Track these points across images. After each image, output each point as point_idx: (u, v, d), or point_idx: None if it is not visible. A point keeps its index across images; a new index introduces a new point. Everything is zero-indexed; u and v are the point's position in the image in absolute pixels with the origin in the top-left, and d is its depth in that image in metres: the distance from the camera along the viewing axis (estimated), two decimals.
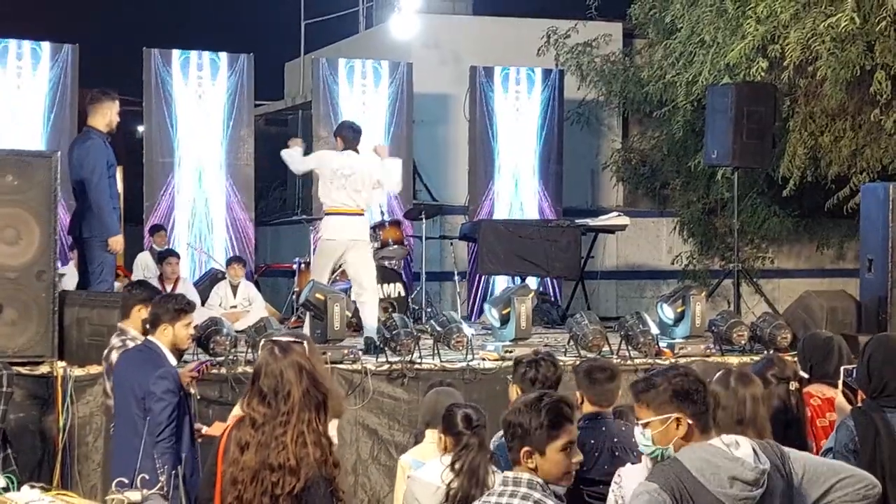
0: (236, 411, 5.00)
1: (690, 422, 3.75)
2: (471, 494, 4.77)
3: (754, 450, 3.73)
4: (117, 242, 8.83)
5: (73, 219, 9.14)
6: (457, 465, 4.83)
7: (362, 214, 9.88)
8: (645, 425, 3.83)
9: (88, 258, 8.93)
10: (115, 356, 6.55)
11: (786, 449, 3.89)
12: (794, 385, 5.53)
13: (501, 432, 4.49)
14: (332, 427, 5.32)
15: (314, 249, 12.19)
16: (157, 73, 12.99)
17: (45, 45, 12.45)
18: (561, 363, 6.02)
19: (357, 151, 9.89)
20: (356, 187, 9.76)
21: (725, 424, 4.53)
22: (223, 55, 13.31)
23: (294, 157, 10.12)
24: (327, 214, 9.81)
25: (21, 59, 12.34)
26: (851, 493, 3.83)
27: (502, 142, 14.10)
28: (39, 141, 12.29)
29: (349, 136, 9.94)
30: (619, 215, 13.31)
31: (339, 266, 10.10)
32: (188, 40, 14.08)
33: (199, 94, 13.19)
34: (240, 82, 13.30)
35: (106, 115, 8.89)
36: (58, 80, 12.46)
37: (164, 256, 11.81)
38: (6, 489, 5.52)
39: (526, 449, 4.04)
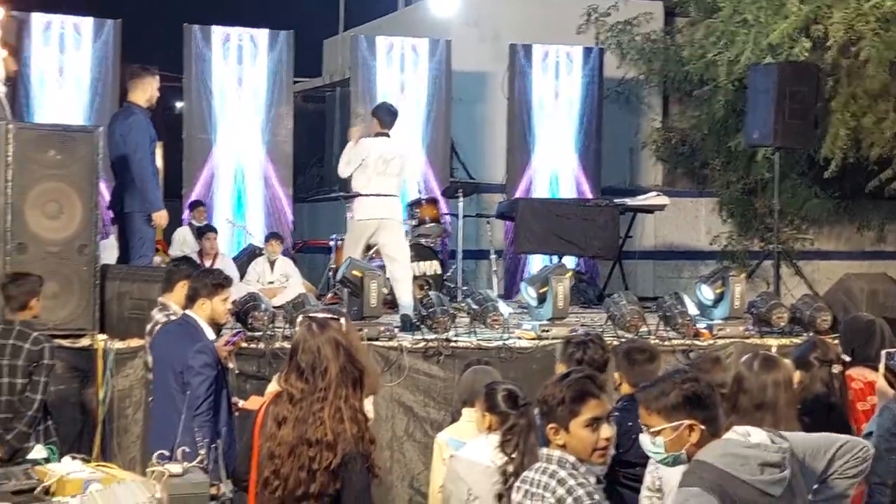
0: (273, 387, 5.04)
1: (703, 427, 3.73)
2: None
3: (768, 435, 3.72)
4: (162, 217, 8.92)
5: (114, 193, 9.21)
6: (509, 447, 4.77)
7: (396, 196, 10.05)
8: (656, 433, 3.79)
9: (130, 232, 9.00)
10: (160, 331, 6.62)
11: (783, 433, 3.87)
12: (836, 368, 5.50)
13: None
14: (368, 403, 5.35)
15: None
16: (197, 49, 13.04)
17: (88, 21, 12.52)
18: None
19: (389, 135, 10.04)
20: (394, 172, 9.96)
21: (745, 407, 4.51)
22: (263, 32, 13.33)
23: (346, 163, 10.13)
24: (361, 196, 9.89)
25: (64, 36, 12.42)
26: (851, 459, 3.86)
27: (541, 120, 14.05)
28: (83, 116, 12.37)
29: (386, 118, 10.07)
30: (658, 195, 13.24)
31: (372, 246, 10.18)
32: (228, 17, 14.09)
33: (239, 71, 13.22)
34: (279, 59, 13.32)
35: (146, 91, 8.96)
36: (100, 56, 12.54)
37: (203, 232, 11.88)
38: (47, 460, 5.61)
39: (552, 426, 4.04)
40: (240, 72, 13.20)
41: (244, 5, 19.47)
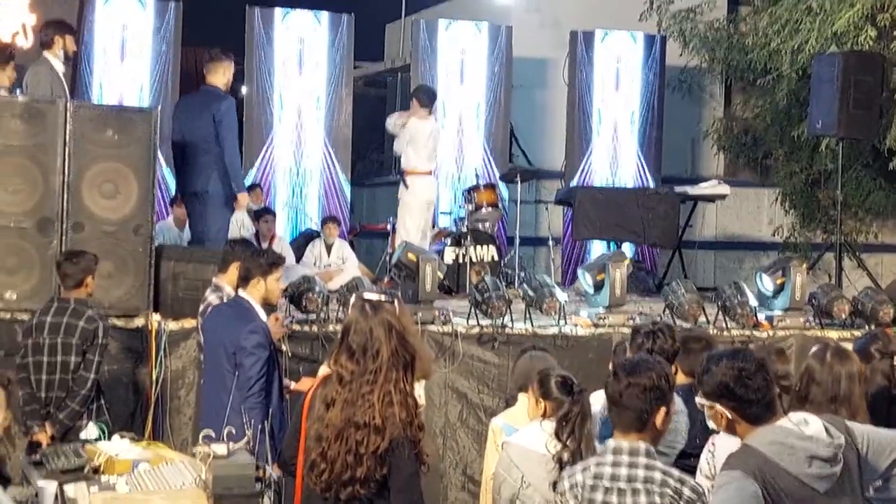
0: (323, 370, 5.00)
1: (729, 415, 3.71)
2: None
3: (825, 426, 3.63)
4: (246, 198, 9.32)
5: (187, 174, 9.23)
6: (564, 434, 4.70)
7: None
8: (701, 405, 3.84)
9: (208, 214, 9.08)
10: (212, 311, 6.61)
11: (850, 423, 3.82)
12: None
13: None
14: (420, 388, 5.30)
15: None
16: (259, 31, 13.05)
17: (150, 3, 12.56)
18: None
19: (430, 115, 10.83)
20: (437, 150, 10.78)
21: (819, 401, 4.43)
22: (324, 14, 13.31)
23: (395, 125, 10.90)
24: (414, 175, 10.18)
25: (126, 16, 12.47)
26: None
27: (601, 107, 13.92)
28: (144, 97, 12.44)
29: (425, 100, 10.77)
30: (720, 184, 13.06)
31: None
32: None
33: (300, 54, 13.21)
34: (340, 43, 13.29)
35: (225, 75, 9.12)
36: (162, 37, 12.58)
37: (261, 214, 11.89)
38: (98, 439, 5.61)
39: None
40: (301, 55, 13.19)
41: None
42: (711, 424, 3.85)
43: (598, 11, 15.13)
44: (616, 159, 14.04)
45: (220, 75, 9.08)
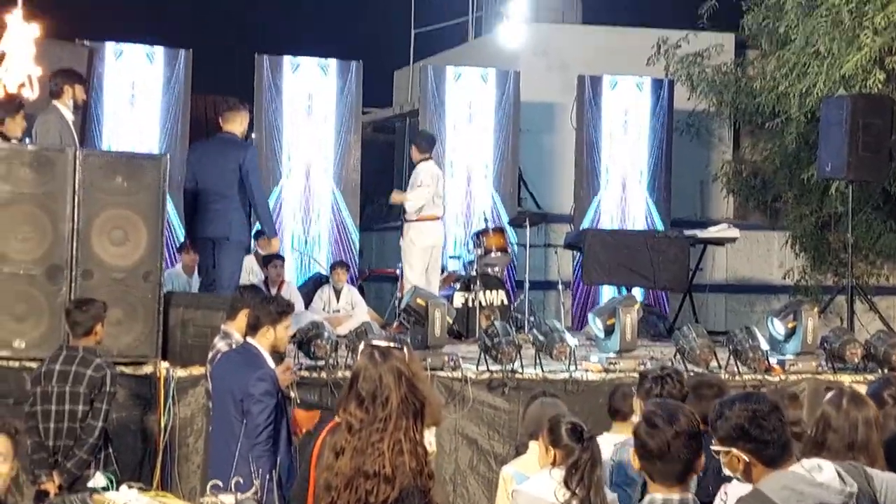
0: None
1: (746, 459, 3.69)
2: None
3: (839, 473, 3.58)
4: (278, 242, 9.79)
5: (202, 221, 9.26)
6: (572, 482, 4.65)
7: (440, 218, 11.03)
8: (717, 452, 3.80)
9: (223, 260, 9.14)
10: (220, 359, 6.57)
11: (870, 469, 3.75)
12: None
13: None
14: (430, 435, 5.25)
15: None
16: (268, 79, 13.11)
17: (160, 51, 12.65)
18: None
19: (431, 159, 11.04)
20: (440, 194, 10.86)
21: (836, 448, 4.36)
22: (333, 62, 13.38)
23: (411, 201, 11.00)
24: (420, 221, 10.19)
25: (136, 64, 12.55)
26: None
27: (609, 151, 13.93)
28: (154, 143, 12.49)
29: (424, 145, 10.94)
30: (730, 227, 13.03)
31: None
32: (299, 47, 14.15)
33: (309, 101, 13.27)
34: (349, 90, 13.35)
35: (242, 123, 9.35)
36: (171, 84, 12.65)
37: (270, 260, 11.87)
38: (106, 488, 5.56)
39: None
40: (310, 102, 13.25)
41: (315, 36, 19.59)
42: (726, 471, 3.80)
43: (606, 56, 15.20)
44: (625, 203, 14.03)
45: (238, 124, 9.24)
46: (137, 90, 12.56)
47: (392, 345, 4.58)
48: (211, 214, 9.12)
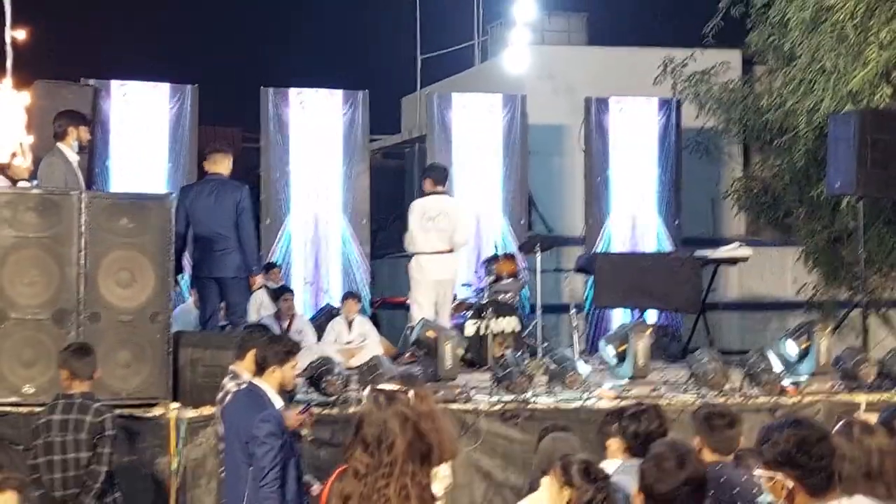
0: None
1: (790, 485, 3.65)
2: None
3: None
4: (262, 279, 9.82)
5: (203, 261, 9.35)
6: None
7: (451, 252, 10.60)
8: (759, 477, 3.77)
9: (235, 298, 9.46)
10: (229, 400, 6.54)
11: None
12: None
13: None
14: (447, 468, 5.21)
15: None
16: (274, 111, 13.12)
17: (165, 87, 12.66)
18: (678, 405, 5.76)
19: (444, 193, 10.70)
20: (442, 227, 10.48)
21: (852, 478, 4.29)
22: (338, 92, 13.38)
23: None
24: (420, 255, 10.15)
25: (142, 101, 12.57)
26: None
27: (619, 172, 13.88)
28: (162, 179, 12.50)
29: (435, 177, 10.76)
30: (741, 246, 12.95)
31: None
32: (305, 77, 14.18)
33: (316, 131, 13.26)
34: (355, 119, 13.35)
35: (228, 165, 9.63)
36: (178, 120, 12.67)
37: (280, 293, 11.85)
38: None
39: None
40: (316, 132, 13.25)
41: (321, 66, 19.67)
42: (769, 498, 3.76)
43: (612, 77, 15.19)
44: (636, 223, 13.97)
45: (224, 166, 9.53)
46: (144, 127, 12.57)
47: (398, 388, 4.55)
48: (216, 255, 9.26)
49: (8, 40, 7.02)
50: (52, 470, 6.49)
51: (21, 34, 7.03)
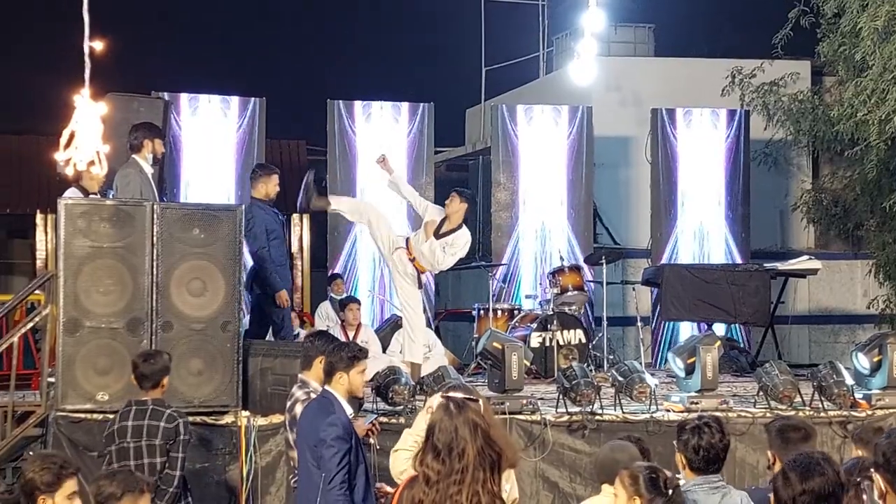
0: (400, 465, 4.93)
1: (884, 488, 3.75)
2: None
3: None
4: (281, 297, 9.61)
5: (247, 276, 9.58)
6: None
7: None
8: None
9: (267, 311, 9.65)
10: (298, 409, 6.57)
11: None
12: None
13: None
14: (510, 477, 5.20)
15: (494, 296, 12.13)
16: (340, 124, 13.22)
17: (234, 100, 12.82)
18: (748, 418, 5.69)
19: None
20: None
21: None
22: (404, 105, 13.45)
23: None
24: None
25: (211, 114, 12.73)
26: None
27: (686, 184, 13.79)
28: (230, 192, 12.64)
29: (469, 197, 10.27)
30: (811, 259, 12.82)
31: None
32: (372, 90, 14.31)
33: (381, 144, 13.31)
34: (420, 131, 13.40)
35: (263, 188, 9.73)
36: (246, 132, 12.81)
37: (346, 303, 11.92)
38: None
39: None
40: (382, 144, 13.30)
41: (386, 78, 19.78)
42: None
43: (679, 88, 15.13)
44: (704, 236, 13.86)
45: (259, 189, 9.76)
46: (212, 139, 12.73)
47: (467, 396, 4.56)
48: (249, 270, 9.57)
49: (87, 51, 7.13)
50: None
51: (99, 45, 7.14)
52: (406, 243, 10.15)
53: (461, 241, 9.98)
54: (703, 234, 13.85)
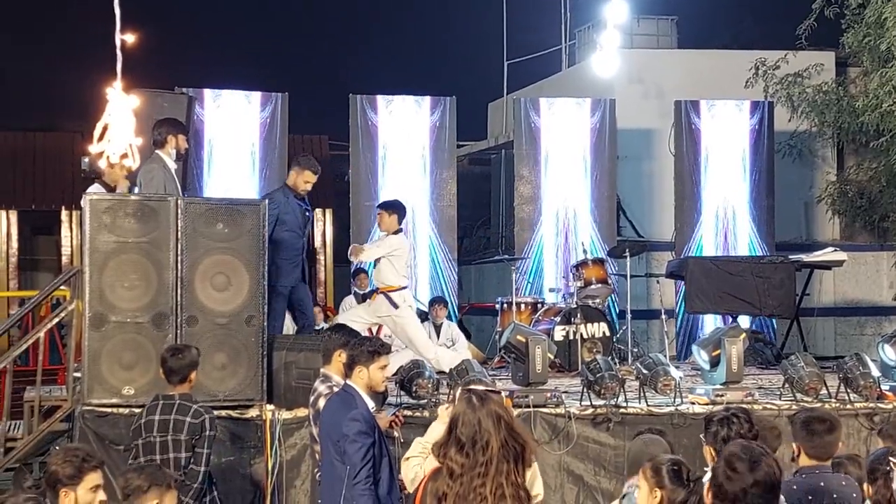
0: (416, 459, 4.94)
1: None
2: None
3: None
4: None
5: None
6: None
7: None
8: None
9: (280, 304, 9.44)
10: (321, 403, 6.59)
11: None
12: None
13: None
14: (537, 478, 5.19)
15: (517, 290, 12.11)
16: (362, 118, 13.23)
17: (256, 96, 12.86)
18: (774, 410, 5.67)
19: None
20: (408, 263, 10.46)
21: None
22: (426, 99, 13.45)
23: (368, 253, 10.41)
24: (400, 290, 10.02)
25: (234, 109, 12.77)
26: None
27: (709, 176, 13.75)
28: (254, 186, 12.67)
29: (403, 215, 10.38)
30: (836, 250, 12.73)
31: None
32: (394, 85, 14.31)
33: (403, 137, 13.34)
34: (442, 125, 13.41)
35: (293, 177, 9.57)
36: (268, 127, 12.84)
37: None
38: None
39: None
40: (404, 138, 13.33)
41: (408, 72, 19.77)
42: None
43: (702, 80, 15.06)
44: (728, 228, 13.81)
45: (291, 177, 9.61)
46: (236, 134, 12.77)
47: (490, 388, 4.56)
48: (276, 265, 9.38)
49: (118, 44, 7.15)
50: None
51: (130, 38, 7.16)
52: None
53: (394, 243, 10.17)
54: (728, 226, 13.80)
